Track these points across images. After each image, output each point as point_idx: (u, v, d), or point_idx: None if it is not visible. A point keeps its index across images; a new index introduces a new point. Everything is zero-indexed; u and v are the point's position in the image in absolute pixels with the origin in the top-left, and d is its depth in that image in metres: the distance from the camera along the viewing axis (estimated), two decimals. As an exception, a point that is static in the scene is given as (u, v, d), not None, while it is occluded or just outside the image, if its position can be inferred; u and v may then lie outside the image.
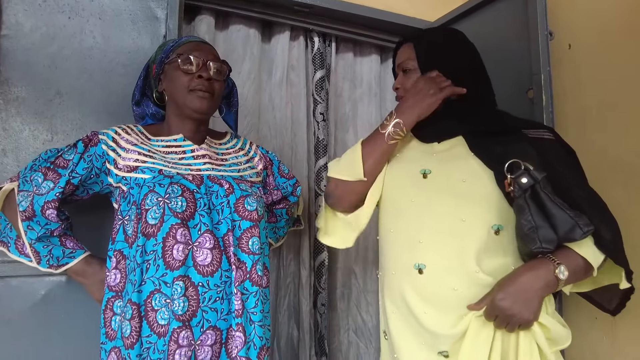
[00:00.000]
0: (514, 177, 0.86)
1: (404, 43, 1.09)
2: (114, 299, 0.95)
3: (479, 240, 0.90)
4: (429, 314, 0.92)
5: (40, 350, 1.09)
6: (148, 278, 0.91)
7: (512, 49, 1.39)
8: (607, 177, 1.14)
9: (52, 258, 0.99)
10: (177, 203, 0.92)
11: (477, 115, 1.01)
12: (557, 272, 0.83)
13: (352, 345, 1.73)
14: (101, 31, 1.22)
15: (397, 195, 1.02)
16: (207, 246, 0.94)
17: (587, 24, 1.42)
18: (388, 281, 1.02)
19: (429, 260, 0.93)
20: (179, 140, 1.06)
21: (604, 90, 1.36)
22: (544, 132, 0.99)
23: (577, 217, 0.83)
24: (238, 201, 1.00)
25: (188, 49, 1.03)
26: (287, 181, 1.26)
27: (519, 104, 1.32)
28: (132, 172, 0.97)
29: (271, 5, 1.58)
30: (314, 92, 1.72)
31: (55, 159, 0.97)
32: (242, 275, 0.97)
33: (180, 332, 0.89)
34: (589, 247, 0.85)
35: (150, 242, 0.92)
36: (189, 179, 0.97)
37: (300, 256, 1.62)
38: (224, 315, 0.94)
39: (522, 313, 0.82)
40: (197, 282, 0.92)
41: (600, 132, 1.35)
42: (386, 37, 1.81)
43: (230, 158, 1.12)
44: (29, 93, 1.14)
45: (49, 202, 0.94)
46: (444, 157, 1.00)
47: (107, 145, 0.99)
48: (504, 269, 0.89)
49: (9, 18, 1.14)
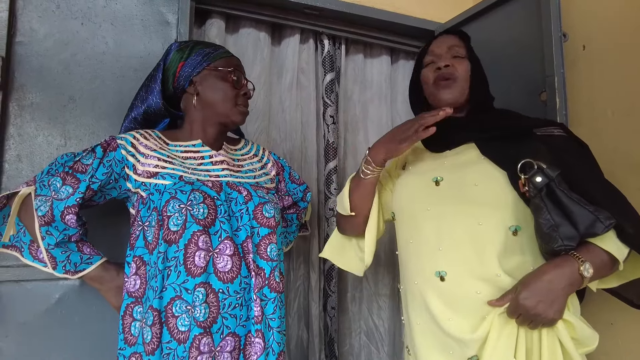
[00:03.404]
0: (528, 177, 0.85)
1: (448, 33, 1.11)
2: (133, 305, 0.95)
3: (498, 243, 0.89)
4: (453, 321, 0.91)
5: (55, 352, 1.11)
6: (169, 284, 0.91)
7: (524, 51, 1.37)
8: (623, 180, 1.11)
9: (69, 264, 0.98)
10: (199, 210, 0.93)
11: (486, 119, 1.01)
12: (581, 269, 0.81)
13: (363, 348, 1.73)
14: (113, 36, 1.24)
15: (411, 207, 1.02)
16: (228, 253, 0.94)
17: (602, 25, 1.40)
18: (411, 292, 1.01)
19: (450, 267, 0.92)
20: (197, 145, 1.06)
21: (619, 93, 1.34)
22: (553, 129, 0.98)
23: (597, 211, 0.81)
24: (257, 208, 1.01)
25: (235, 64, 1.08)
26: (297, 187, 1.26)
27: (532, 106, 1.30)
28: (152, 177, 0.97)
29: (281, 8, 1.58)
30: (323, 95, 1.72)
31: (73, 163, 0.96)
32: (261, 282, 0.98)
33: (202, 339, 0.89)
34: (612, 241, 0.83)
35: (172, 249, 0.92)
36: (209, 186, 0.98)
37: (310, 259, 1.62)
38: (242, 322, 0.95)
39: (547, 312, 0.81)
40: (218, 289, 0.92)
41: (616, 136, 1.32)
42: (396, 39, 1.80)
43: (246, 164, 1.13)
44: (43, 99, 1.16)
45: (69, 208, 0.93)
46: (455, 164, 0.99)
47: (126, 150, 0.99)
48: (523, 269, 0.88)
49: (24, 25, 1.16)
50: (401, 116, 1.87)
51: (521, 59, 1.37)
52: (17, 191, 0.96)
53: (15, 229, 0.99)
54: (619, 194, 0.90)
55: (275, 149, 1.62)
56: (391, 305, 1.75)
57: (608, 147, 1.32)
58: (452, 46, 1.05)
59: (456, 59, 1.04)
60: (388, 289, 1.75)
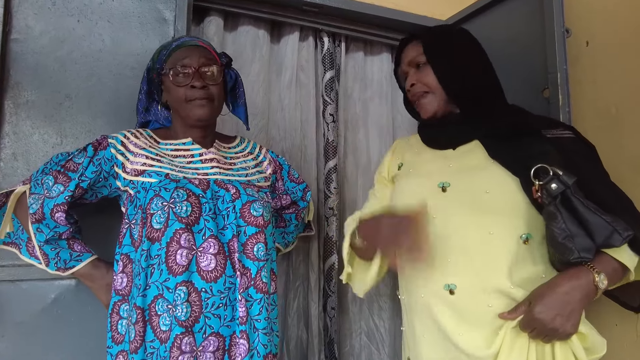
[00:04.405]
0: (543, 184, 0.81)
1: (409, 42, 1.05)
2: (120, 303, 0.95)
3: (509, 252, 0.86)
4: (464, 336, 0.87)
5: (51, 352, 1.10)
6: (152, 282, 0.91)
7: (526, 47, 1.35)
8: (627, 178, 1.09)
9: (59, 261, 1.00)
10: (182, 208, 0.92)
11: (492, 116, 0.97)
12: (597, 280, 0.78)
13: (363, 349, 1.71)
14: (110, 34, 1.22)
15: None
16: (211, 252, 0.93)
17: (606, 20, 1.38)
18: (417, 304, 0.96)
19: (459, 280, 0.88)
20: (187, 144, 1.06)
21: (623, 89, 1.31)
22: (563, 132, 0.94)
23: (614, 222, 0.78)
24: (244, 206, 0.99)
25: (178, 58, 1.01)
26: (296, 186, 1.24)
27: (535, 103, 1.28)
28: (140, 175, 0.97)
29: (280, 5, 1.57)
30: (323, 93, 1.70)
31: (65, 162, 0.98)
32: (247, 282, 0.96)
33: (183, 339, 0.88)
34: (625, 252, 0.80)
35: (155, 247, 0.92)
36: (195, 183, 0.97)
37: (310, 259, 1.60)
38: (227, 322, 0.93)
39: (565, 326, 0.78)
40: (200, 288, 0.91)
41: (620, 132, 1.30)
42: (397, 36, 1.78)
43: (239, 162, 1.11)
44: (39, 97, 1.15)
45: (58, 206, 0.94)
46: (462, 168, 0.95)
47: (115, 148, 1.00)
48: (534, 279, 0.85)
49: (19, 22, 1.15)
50: (402, 114, 1.85)
51: (523, 56, 1.35)
52: (13, 190, 0.99)
53: (14, 227, 1.01)
54: (627, 199, 0.87)
55: (274, 147, 1.61)
56: (392, 305, 1.73)
57: (612, 144, 1.30)
58: (413, 58, 1.01)
59: (420, 70, 1.00)
60: (389, 289, 1.72)
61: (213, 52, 1.06)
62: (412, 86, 1.01)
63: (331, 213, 1.63)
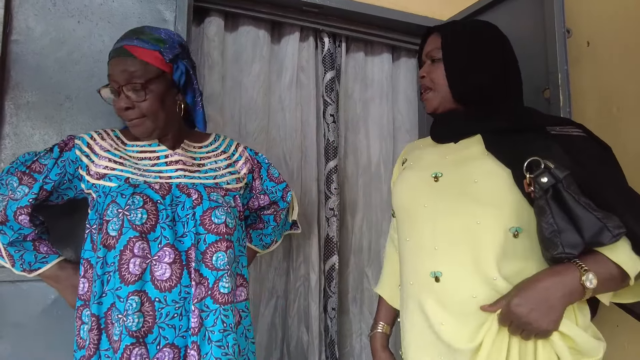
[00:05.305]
0: (534, 177, 0.80)
1: (432, 32, 1.03)
2: (82, 308, 0.93)
3: (496, 244, 0.84)
4: (446, 326, 0.86)
5: (51, 353, 1.10)
6: (109, 290, 0.89)
7: (527, 47, 1.34)
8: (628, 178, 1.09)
9: (24, 263, 0.97)
10: (137, 215, 0.89)
11: (497, 112, 0.95)
12: (583, 279, 0.75)
13: (364, 349, 1.71)
14: (110, 35, 1.22)
15: (409, 203, 0.99)
16: (167, 260, 0.90)
17: (607, 21, 1.37)
18: (407, 292, 0.98)
19: (446, 268, 0.88)
20: (153, 145, 1.02)
21: (624, 89, 1.31)
22: (572, 129, 0.92)
23: (605, 218, 0.75)
24: (205, 213, 0.95)
25: (109, 71, 0.95)
26: (276, 185, 1.18)
27: (535, 104, 1.27)
28: (101, 179, 0.94)
29: (280, 5, 1.57)
30: (324, 94, 1.70)
31: (31, 163, 0.95)
32: (203, 292, 0.92)
33: (134, 349, 0.85)
34: (624, 254, 0.77)
35: (110, 254, 0.89)
36: (155, 188, 0.94)
37: (310, 260, 1.60)
38: (182, 332, 0.90)
39: (540, 322, 0.76)
40: (154, 298, 0.88)
41: (621, 132, 1.30)
42: (397, 37, 1.78)
43: (208, 163, 1.07)
44: (39, 98, 1.15)
45: (21, 208, 0.92)
46: (457, 159, 0.95)
47: (80, 150, 0.97)
48: (525, 274, 0.83)
49: (19, 23, 1.15)
50: (402, 114, 1.86)
51: (524, 56, 1.33)
52: None
53: None
54: None
55: (274, 148, 1.61)
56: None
57: (613, 144, 1.28)
58: (430, 51, 1.00)
59: (433, 64, 0.99)
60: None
61: (146, 55, 0.93)
62: (422, 78, 1.02)
63: (332, 213, 1.63)
